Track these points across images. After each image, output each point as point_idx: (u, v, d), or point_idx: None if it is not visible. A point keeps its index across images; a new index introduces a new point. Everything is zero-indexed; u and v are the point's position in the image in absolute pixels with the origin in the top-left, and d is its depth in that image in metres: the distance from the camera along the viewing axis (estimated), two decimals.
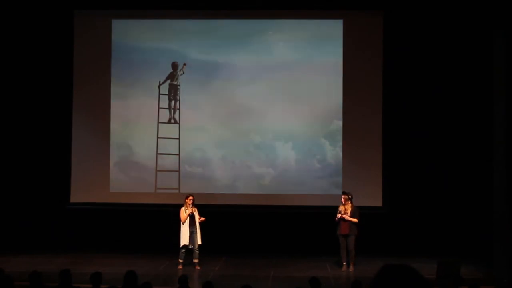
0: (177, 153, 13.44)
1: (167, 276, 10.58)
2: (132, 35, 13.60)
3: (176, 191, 13.09)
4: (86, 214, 13.36)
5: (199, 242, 11.19)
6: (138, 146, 13.51)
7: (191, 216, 11.16)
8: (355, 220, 11.08)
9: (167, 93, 13.51)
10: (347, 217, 11.04)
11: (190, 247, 11.15)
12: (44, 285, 7.09)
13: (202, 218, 11.20)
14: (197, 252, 11.19)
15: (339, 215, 11.07)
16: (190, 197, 11.25)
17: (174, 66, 13.48)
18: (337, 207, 11.20)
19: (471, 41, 12.76)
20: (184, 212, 11.19)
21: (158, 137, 13.47)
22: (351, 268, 11.09)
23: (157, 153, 13.46)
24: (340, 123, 13.21)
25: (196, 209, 11.25)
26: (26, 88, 13.52)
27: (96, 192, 13.39)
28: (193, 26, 13.55)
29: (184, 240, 11.14)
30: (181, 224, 11.19)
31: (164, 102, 13.51)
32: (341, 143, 13.20)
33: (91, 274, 7.18)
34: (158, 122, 13.48)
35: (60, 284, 7.02)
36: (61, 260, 11.52)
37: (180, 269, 11.04)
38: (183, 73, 13.47)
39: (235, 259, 12.16)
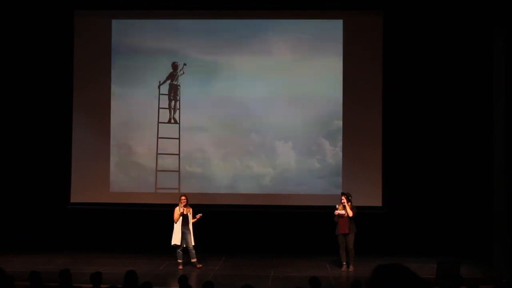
0: (177, 153, 13.45)
1: (167, 276, 10.59)
2: (132, 35, 13.60)
3: (176, 191, 13.09)
4: (86, 214, 13.36)
5: (192, 243, 11.19)
6: (138, 146, 13.52)
7: (184, 216, 11.18)
8: (350, 212, 10.99)
9: (167, 93, 13.51)
10: (347, 208, 10.97)
11: (183, 246, 11.16)
12: (44, 285, 7.09)
13: (198, 216, 11.19)
14: (193, 251, 11.19)
15: (336, 212, 11.07)
16: (182, 197, 11.33)
17: (174, 66, 13.48)
18: (337, 205, 11.19)
19: (471, 41, 12.77)
20: (177, 212, 11.22)
21: (158, 137, 13.47)
22: (351, 268, 11.10)
23: (157, 153, 13.47)
24: (340, 123, 13.21)
25: (190, 210, 11.28)
26: (26, 88, 13.53)
27: (96, 192, 13.39)
28: (193, 26, 13.55)
29: (175, 239, 11.17)
30: (174, 223, 11.24)
31: (164, 102, 13.52)
32: (341, 143, 13.21)
33: (91, 274, 7.19)
34: (158, 122, 13.49)
35: (60, 284, 7.03)
36: (61, 260, 11.54)
37: (180, 269, 11.05)
38: (183, 73, 13.47)
39: (235, 259, 12.16)
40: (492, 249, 11.60)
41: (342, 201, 11.15)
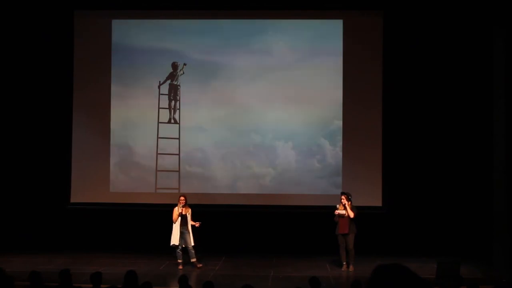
0: (177, 153, 13.45)
1: (167, 276, 10.59)
2: (132, 35, 13.60)
3: (176, 191, 13.09)
4: (86, 214, 13.36)
5: (192, 243, 11.20)
6: (138, 146, 13.52)
7: (183, 217, 11.18)
8: (351, 214, 11.01)
9: (167, 93, 13.51)
10: (347, 207, 10.97)
11: (182, 246, 11.16)
12: (44, 285, 7.09)
13: (197, 224, 11.21)
14: (193, 251, 11.19)
15: (337, 212, 11.07)
16: (181, 197, 11.32)
17: (174, 66, 13.48)
18: (337, 205, 11.20)
19: (471, 41, 12.76)
20: (176, 212, 11.22)
21: (158, 137, 13.47)
22: (351, 268, 11.10)
23: (157, 153, 13.47)
24: (340, 123, 13.21)
25: (189, 210, 11.28)
26: (27, 88, 13.53)
27: (96, 192, 13.39)
28: (193, 26, 13.55)
29: (174, 240, 11.17)
30: (173, 223, 11.24)
31: (164, 102, 13.52)
32: (341, 143, 13.21)
33: (91, 274, 7.20)
34: (158, 122, 13.49)
35: (60, 284, 7.03)
36: (61, 260, 11.54)
37: (180, 269, 11.05)
38: (183, 73, 13.48)
39: (235, 259, 12.16)
40: (492, 249, 11.60)
41: (342, 200, 11.15)
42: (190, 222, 11.24)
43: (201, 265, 11.24)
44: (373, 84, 13.14)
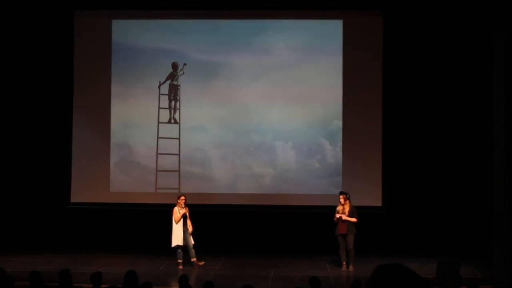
0: (177, 153, 13.45)
1: (167, 276, 10.59)
2: (132, 35, 13.60)
3: (176, 191, 13.08)
4: (86, 214, 13.37)
5: (192, 241, 11.23)
6: (138, 146, 13.52)
7: (184, 217, 11.20)
8: (354, 220, 11.09)
9: (167, 93, 13.52)
10: (345, 217, 11.04)
11: (184, 246, 11.18)
12: (44, 285, 7.10)
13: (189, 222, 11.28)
14: (193, 251, 11.22)
15: (337, 215, 11.09)
16: (182, 197, 11.33)
17: (174, 66, 13.48)
18: (336, 207, 11.22)
19: (471, 41, 12.76)
20: (178, 212, 11.23)
21: (158, 137, 13.48)
22: (351, 268, 11.11)
23: (157, 153, 13.47)
24: (340, 123, 13.22)
25: (187, 209, 11.31)
26: (27, 88, 13.53)
27: (96, 192, 13.39)
28: (193, 26, 13.55)
29: (178, 240, 11.18)
30: (174, 224, 11.24)
31: (164, 102, 13.52)
32: (341, 143, 13.21)
33: (91, 274, 7.20)
34: (158, 122, 13.49)
35: (60, 284, 7.03)
36: (61, 260, 11.54)
37: (181, 268, 11.06)
38: (183, 73, 13.48)
39: (235, 259, 12.16)
40: (492, 249, 11.60)
41: (341, 200, 11.16)
42: (189, 221, 11.25)
43: (203, 262, 11.25)
44: (373, 84, 13.14)
